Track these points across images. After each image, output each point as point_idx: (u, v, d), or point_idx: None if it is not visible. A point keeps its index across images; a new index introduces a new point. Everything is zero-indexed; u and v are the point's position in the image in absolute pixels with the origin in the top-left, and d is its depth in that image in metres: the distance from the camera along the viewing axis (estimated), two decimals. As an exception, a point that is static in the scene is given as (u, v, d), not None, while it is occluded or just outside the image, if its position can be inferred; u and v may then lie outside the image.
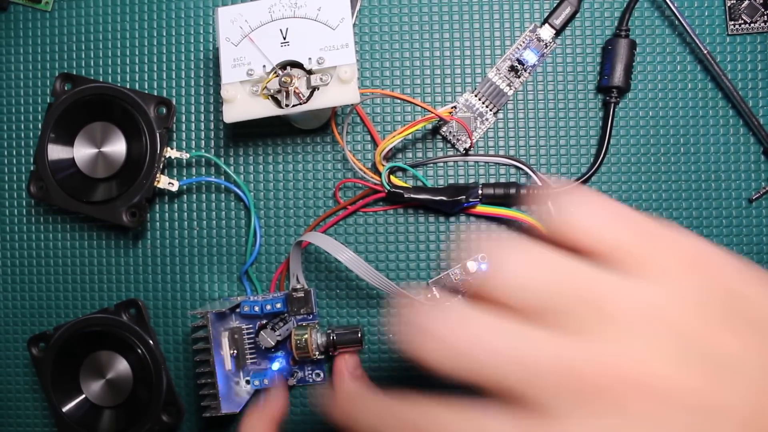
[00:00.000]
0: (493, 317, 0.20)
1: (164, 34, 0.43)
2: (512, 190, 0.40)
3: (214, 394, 0.38)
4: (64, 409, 0.40)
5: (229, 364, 0.39)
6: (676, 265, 0.20)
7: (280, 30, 0.37)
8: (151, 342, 0.41)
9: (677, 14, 0.41)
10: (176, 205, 0.43)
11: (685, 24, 0.41)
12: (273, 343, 0.39)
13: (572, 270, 0.20)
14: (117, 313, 0.41)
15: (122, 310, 0.41)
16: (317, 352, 0.39)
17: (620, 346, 0.19)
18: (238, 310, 0.40)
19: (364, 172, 0.41)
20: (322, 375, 0.41)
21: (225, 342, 0.39)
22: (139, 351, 0.40)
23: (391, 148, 0.41)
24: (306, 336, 0.39)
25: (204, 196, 0.43)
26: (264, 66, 0.37)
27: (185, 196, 0.43)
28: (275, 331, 0.39)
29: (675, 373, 0.18)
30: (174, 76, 0.43)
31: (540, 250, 0.21)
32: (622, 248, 0.20)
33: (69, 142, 0.40)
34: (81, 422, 0.40)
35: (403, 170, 0.42)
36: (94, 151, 0.40)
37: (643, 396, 0.18)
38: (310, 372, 0.41)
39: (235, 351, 0.40)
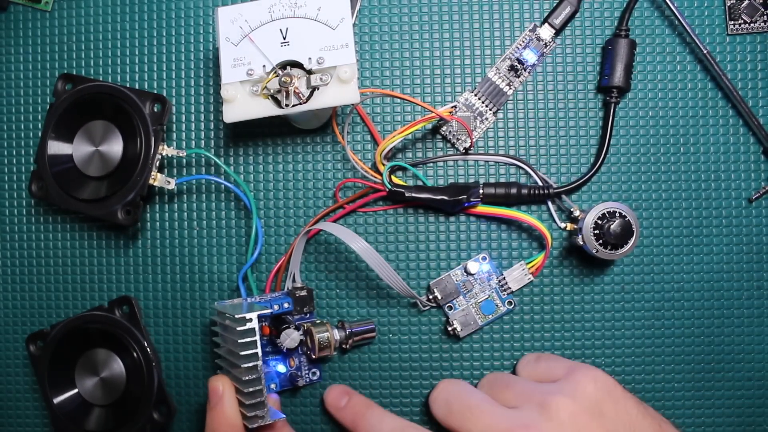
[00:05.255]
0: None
1: (164, 34, 0.43)
2: (513, 190, 0.40)
3: (262, 402, 0.35)
4: (57, 403, 0.40)
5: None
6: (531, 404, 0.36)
7: (280, 30, 0.37)
8: (142, 339, 0.40)
9: (677, 14, 0.41)
10: (176, 204, 0.43)
11: (685, 24, 0.41)
12: (297, 343, 0.38)
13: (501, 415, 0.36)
14: (110, 310, 0.41)
15: (115, 307, 0.41)
16: (335, 349, 0.39)
17: None
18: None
19: (365, 171, 0.41)
20: (318, 373, 0.41)
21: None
22: (131, 348, 0.40)
23: (391, 148, 0.41)
24: (327, 334, 0.39)
25: (204, 195, 0.43)
26: (264, 66, 0.37)
27: (185, 195, 0.43)
28: (299, 330, 0.38)
29: None
30: (174, 76, 0.43)
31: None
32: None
33: (68, 140, 0.40)
34: (75, 419, 0.40)
35: (404, 169, 0.42)
36: (92, 149, 0.40)
37: None
38: (307, 371, 0.41)
39: None
